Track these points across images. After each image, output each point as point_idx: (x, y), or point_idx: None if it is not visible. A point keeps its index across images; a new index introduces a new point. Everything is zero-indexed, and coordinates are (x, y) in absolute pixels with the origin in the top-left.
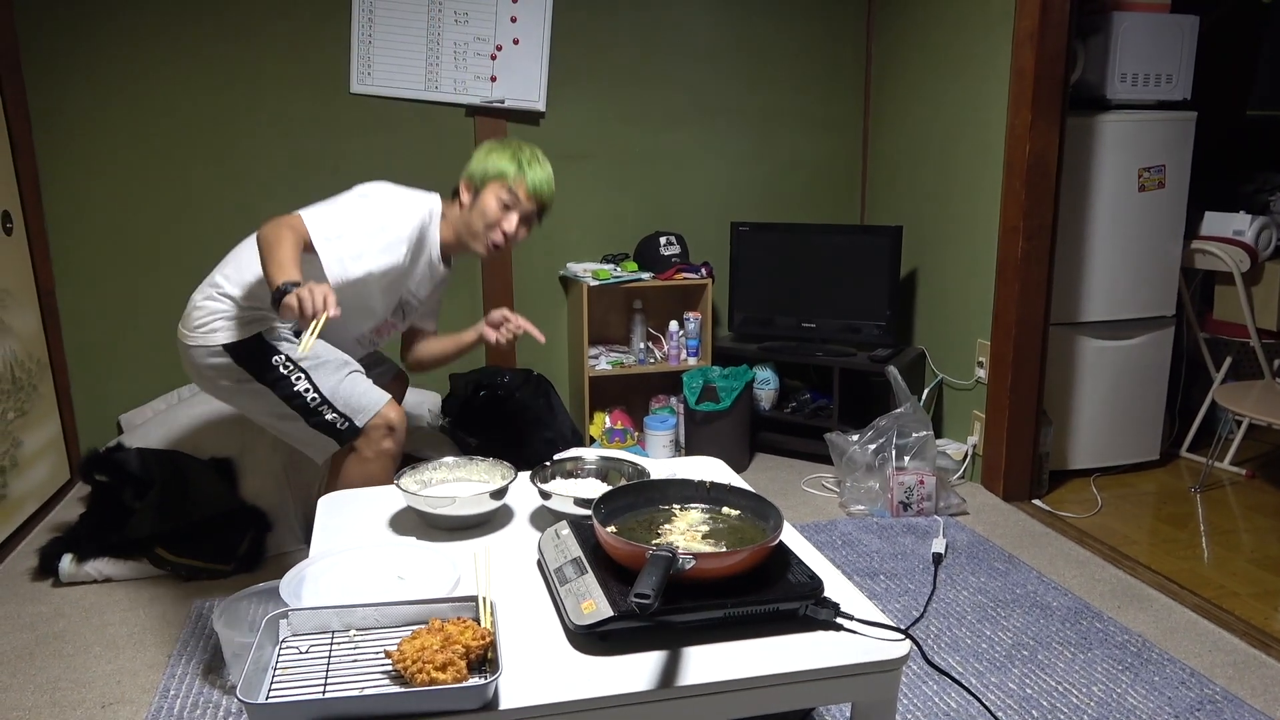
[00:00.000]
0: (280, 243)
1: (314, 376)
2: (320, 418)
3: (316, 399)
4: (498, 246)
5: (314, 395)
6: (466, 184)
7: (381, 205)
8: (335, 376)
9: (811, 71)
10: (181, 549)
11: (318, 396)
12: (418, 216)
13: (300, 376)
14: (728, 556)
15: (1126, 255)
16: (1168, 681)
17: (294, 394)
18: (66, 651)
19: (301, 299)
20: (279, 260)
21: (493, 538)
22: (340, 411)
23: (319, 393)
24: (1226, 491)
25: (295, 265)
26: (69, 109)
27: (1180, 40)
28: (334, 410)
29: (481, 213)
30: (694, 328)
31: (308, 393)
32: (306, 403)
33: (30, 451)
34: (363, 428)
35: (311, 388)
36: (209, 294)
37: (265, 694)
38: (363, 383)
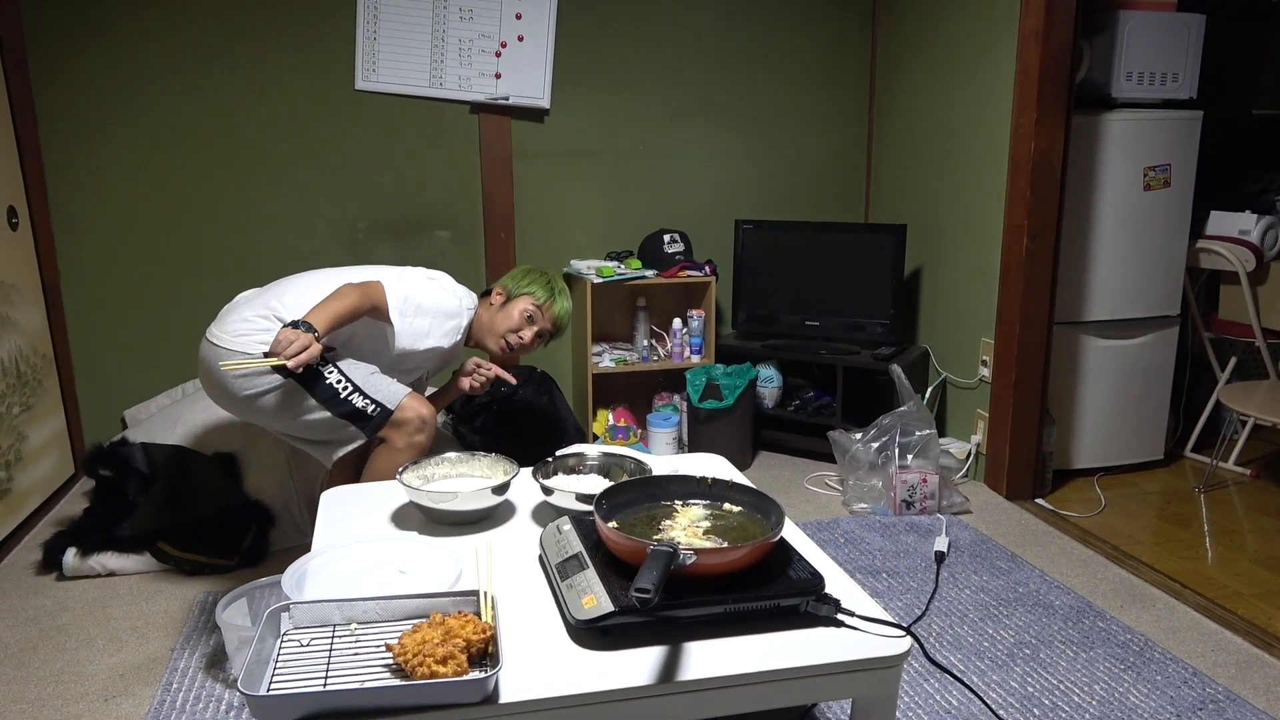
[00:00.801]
0: (343, 300)
1: (344, 369)
2: (350, 406)
3: (348, 387)
4: (510, 349)
5: (345, 384)
6: (500, 290)
7: (453, 295)
8: (364, 371)
9: (816, 69)
10: (185, 544)
11: (349, 385)
12: (469, 310)
13: (332, 370)
14: (729, 552)
15: (1131, 254)
16: (1170, 681)
17: (325, 385)
18: (69, 645)
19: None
20: (327, 309)
21: (495, 533)
22: (371, 398)
23: (350, 382)
24: (1230, 492)
25: (334, 324)
26: (75, 105)
27: (1186, 39)
28: (365, 397)
29: (507, 317)
30: (697, 325)
31: (339, 383)
32: (337, 391)
33: (35, 446)
34: (394, 411)
35: (343, 378)
36: (263, 313)
37: (266, 686)
38: (388, 380)
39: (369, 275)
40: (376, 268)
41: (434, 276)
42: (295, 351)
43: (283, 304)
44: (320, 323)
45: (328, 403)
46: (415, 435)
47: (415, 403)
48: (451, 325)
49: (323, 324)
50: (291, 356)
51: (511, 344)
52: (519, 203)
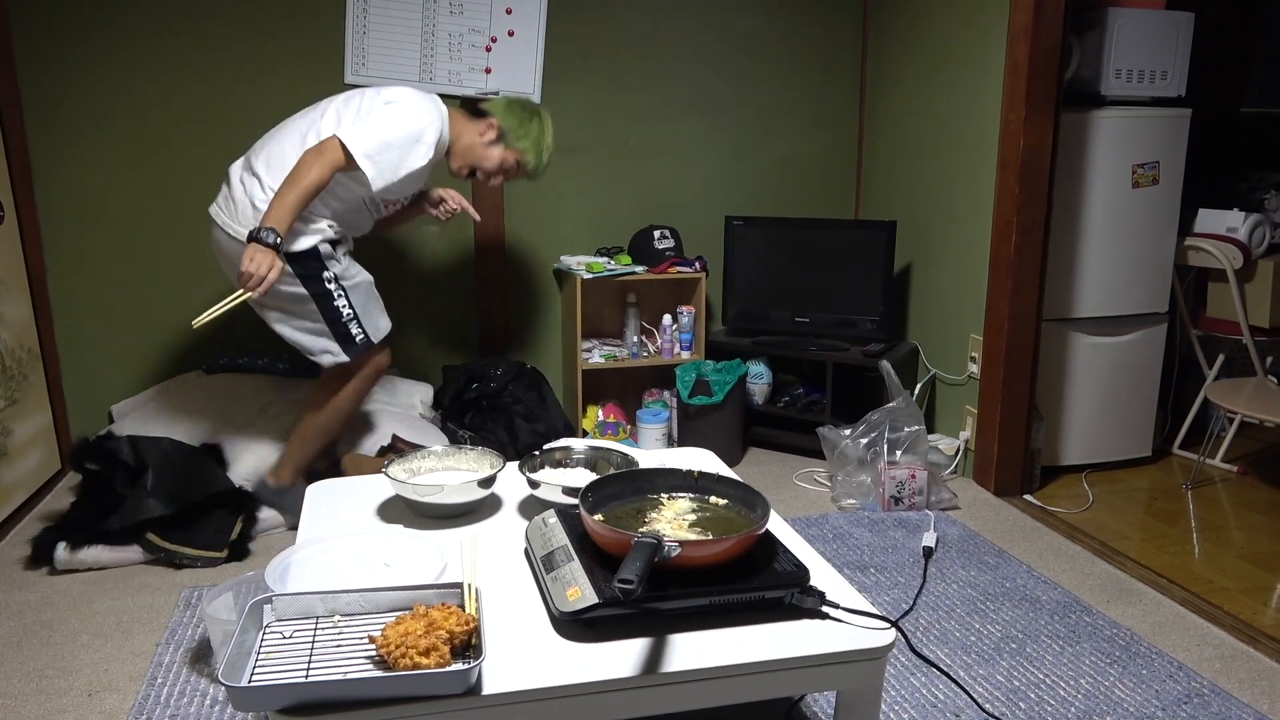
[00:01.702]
0: (303, 178)
1: (350, 295)
2: (345, 329)
3: (350, 314)
4: (473, 177)
5: (348, 311)
6: (493, 126)
7: (412, 113)
8: (363, 294)
9: (807, 66)
10: (174, 536)
11: (351, 312)
12: (439, 128)
13: (340, 294)
14: (714, 544)
15: (1120, 252)
16: (1155, 675)
17: (332, 308)
18: (54, 640)
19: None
20: (285, 200)
21: (480, 526)
22: (363, 327)
23: (353, 309)
24: (1218, 488)
25: (299, 209)
26: (62, 98)
27: (1175, 37)
28: (359, 325)
29: (488, 156)
30: (687, 321)
31: (344, 309)
32: (341, 316)
33: (20, 441)
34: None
35: (348, 304)
36: (263, 196)
37: (248, 677)
38: (380, 308)
39: (327, 124)
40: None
41: (393, 100)
42: (257, 282)
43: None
44: (283, 222)
45: (332, 322)
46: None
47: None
48: (422, 147)
49: (285, 220)
50: (255, 287)
51: (478, 179)
52: (509, 197)
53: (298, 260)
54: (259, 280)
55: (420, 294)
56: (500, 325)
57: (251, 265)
